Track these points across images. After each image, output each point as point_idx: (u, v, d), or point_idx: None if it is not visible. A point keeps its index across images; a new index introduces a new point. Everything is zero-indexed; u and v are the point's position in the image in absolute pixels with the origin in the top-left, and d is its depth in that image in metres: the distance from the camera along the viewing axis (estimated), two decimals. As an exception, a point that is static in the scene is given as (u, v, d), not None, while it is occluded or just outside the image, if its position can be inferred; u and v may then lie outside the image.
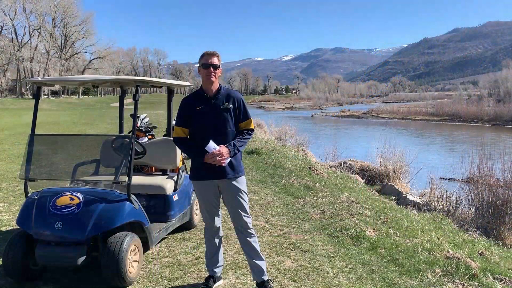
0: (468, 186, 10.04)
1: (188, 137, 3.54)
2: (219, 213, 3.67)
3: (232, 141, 3.42)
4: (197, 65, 3.60)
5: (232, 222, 3.63)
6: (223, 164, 3.34)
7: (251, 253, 3.57)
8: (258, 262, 3.57)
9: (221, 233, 3.74)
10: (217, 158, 3.29)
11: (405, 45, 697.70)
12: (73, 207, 3.60)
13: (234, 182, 3.48)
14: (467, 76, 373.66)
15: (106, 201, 3.71)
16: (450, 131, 41.06)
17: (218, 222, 3.66)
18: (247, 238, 3.55)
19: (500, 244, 7.12)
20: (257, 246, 3.59)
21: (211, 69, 3.41)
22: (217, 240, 3.69)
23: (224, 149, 3.32)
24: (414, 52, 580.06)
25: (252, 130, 3.60)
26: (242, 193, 3.52)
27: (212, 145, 3.30)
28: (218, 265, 3.73)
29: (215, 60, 3.43)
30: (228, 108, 3.45)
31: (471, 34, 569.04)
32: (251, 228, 3.57)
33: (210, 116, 3.44)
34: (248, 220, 3.55)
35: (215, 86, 3.49)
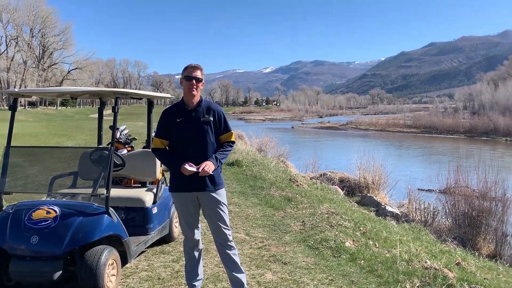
0: (445, 197, 10.24)
1: (168, 148, 3.53)
2: (199, 225, 3.65)
3: (214, 155, 3.43)
4: (178, 77, 3.61)
5: (212, 235, 3.61)
6: (206, 174, 3.33)
7: (231, 266, 3.55)
8: (238, 275, 3.55)
9: (201, 246, 3.71)
10: (205, 169, 3.29)
11: (383, 59, 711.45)
12: (49, 221, 3.53)
13: (214, 194, 3.48)
14: (443, 89, 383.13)
15: (83, 214, 3.64)
16: (427, 143, 41.85)
17: (197, 234, 3.63)
18: (227, 251, 3.53)
19: (476, 254, 7.27)
20: (237, 259, 3.57)
21: (194, 82, 3.43)
22: (196, 253, 3.66)
23: (208, 162, 3.34)
24: (392, 65, 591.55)
25: (233, 142, 3.62)
26: (222, 206, 3.51)
27: (188, 167, 3.30)
28: (197, 278, 3.69)
29: (198, 74, 3.45)
30: (209, 121, 3.46)
31: (446, 48, 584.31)
32: (231, 241, 3.56)
33: (190, 128, 3.44)
34: (228, 232, 3.53)
35: (196, 99, 3.50)
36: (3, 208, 3.85)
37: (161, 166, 5.21)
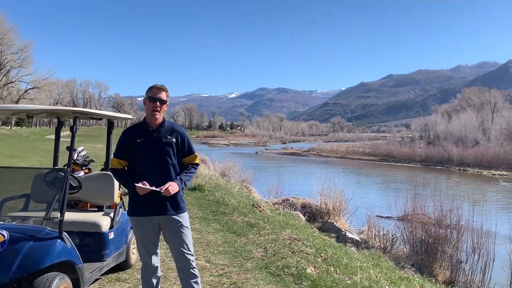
0: (403, 224, 10.47)
1: (126, 169, 3.43)
2: (158, 251, 3.52)
3: (178, 176, 3.35)
4: (140, 99, 3.58)
5: (174, 261, 3.49)
6: (169, 194, 3.24)
7: None
8: None
9: (159, 273, 3.57)
10: (169, 189, 3.21)
11: (343, 88, 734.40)
12: (-4, 246, 3.30)
13: (176, 218, 3.38)
14: (400, 119, 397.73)
15: (34, 239, 3.44)
16: (385, 171, 43.00)
17: (156, 261, 3.50)
18: (189, 279, 3.41)
19: (433, 280, 7.42)
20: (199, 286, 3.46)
21: (158, 103, 3.36)
22: (154, 281, 3.51)
23: (172, 183, 3.27)
24: (352, 95, 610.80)
25: (197, 164, 3.55)
26: (185, 230, 3.42)
27: (141, 185, 3.21)
28: None
29: (163, 95, 3.39)
30: (171, 142, 3.39)
31: (403, 80, 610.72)
32: (194, 268, 3.44)
33: (151, 149, 3.36)
34: (191, 258, 3.42)
35: (159, 120, 3.43)
36: None
37: (119, 190, 5.04)
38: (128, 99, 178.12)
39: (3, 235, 3.38)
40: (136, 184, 3.20)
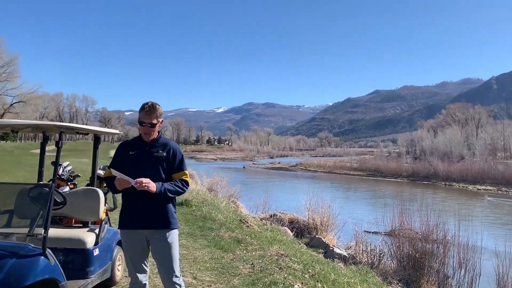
0: (390, 239, 10.50)
1: None
2: (146, 269, 3.49)
3: (161, 182, 3.33)
4: (128, 113, 3.65)
5: (160, 277, 3.46)
6: (145, 188, 3.20)
7: None
8: None
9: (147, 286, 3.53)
10: (143, 181, 3.18)
11: (330, 103, 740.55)
12: (-23, 263, 3.23)
13: (164, 233, 3.37)
14: (387, 134, 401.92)
15: (17, 256, 3.37)
16: (372, 186, 43.25)
17: (144, 278, 3.46)
18: None
19: (420, 296, 7.41)
20: None
21: (148, 127, 3.39)
22: None
23: (150, 181, 3.24)
24: (339, 110, 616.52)
25: (186, 182, 3.48)
26: (172, 246, 3.40)
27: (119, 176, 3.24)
28: None
29: (153, 119, 3.38)
30: (161, 156, 3.41)
31: (390, 96, 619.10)
32: (181, 285, 3.43)
33: (142, 162, 3.39)
34: (176, 275, 3.41)
35: (152, 138, 3.47)
36: None
37: (105, 205, 4.98)
38: (115, 113, 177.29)
39: (-15, 252, 3.31)
40: (114, 172, 3.25)
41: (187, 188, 3.49)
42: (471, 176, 45.26)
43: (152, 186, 3.23)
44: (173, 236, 3.43)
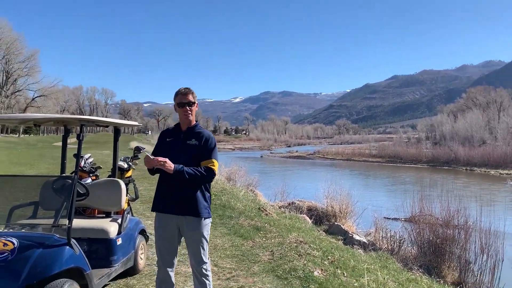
0: (410, 226, 10.43)
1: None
2: (174, 259, 3.57)
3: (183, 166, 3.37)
4: (146, 105, 3.64)
5: (190, 262, 3.57)
6: (164, 166, 3.30)
7: None
8: None
9: (172, 280, 3.58)
10: (160, 159, 3.28)
11: (348, 90, 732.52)
12: (6, 254, 3.35)
13: (196, 221, 3.43)
14: (406, 120, 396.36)
15: (43, 246, 3.48)
16: (392, 172, 42.83)
17: (170, 264, 3.54)
18: (201, 284, 3.49)
19: (442, 282, 7.39)
20: None
21: (187, 107, 3.49)
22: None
23: (170, 162, 3.32)
24: (357, 97, 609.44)
25: (210, 170, 3.44)
26: (202, 235, 3.47)
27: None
28: None
29: (190, 98, 3.51)
30: (194, 145, 3.48)
31: (408, 81, 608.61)
32: (207, 272, 3.52)
33: (175, 149, 3.48)
34: (205, 263, 3.50)
35: (190, 123, 3.56)
36: (-44, 240, 3.64)
37: (126, 196, 5.08)
38: (134, 105, 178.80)
39: (13, 243, 3.43)
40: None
41: (211, 176, 3.45)
42: (493, 161, 44.40)
43: (170, 165, 3.30)
44: (204, 224, 3.48)
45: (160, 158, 3.30)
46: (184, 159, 3.42)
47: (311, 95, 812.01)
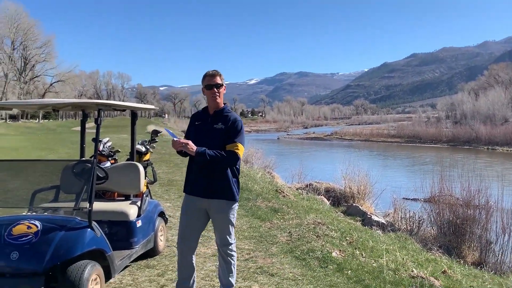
0: (430, 206, 10.32)
1: None
2: (196, 242, 3.61)
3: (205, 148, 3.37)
4: (162, 88, 3.64)
5: (216, 242, 3.63)
6: (186, 147, 3.32)
7: (225, 273, 3.58)
8: (227, 285, 3.59)
9: (193, 264, 3.64)
10: (181, 140, 3.33)
11: (366, 69, 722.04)
12: (30, 236, 3.43)
13: (222, 204, 3.47)
14: (425, 99, 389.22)
15: (66, 228, 3.56)
16: (411, 152, 42.33)
17: (191, 247, 3.59)
18: (227, 263, 3.57)
19: (462, 262, 7.32)
20: (234, 270, 3.61)
21: (215, 89, 3.48)
22: (186, 272, 3.60)
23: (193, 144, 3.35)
24: (375, 76, 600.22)
25: (234, 153, 3.41)
26: (228, 218, 3.51)
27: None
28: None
29: (217, 80, 3.50)
30: (220, 128, 3.47)
31: (428, 59, 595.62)
32: (233, 252, 3.59)
33: (203, 132, 3.50)
34: (231, 243, 3.57)
35: (218, 106, 3.55)
36: (-18, 223, 3.74)
37: (145, 179, 5.14)
38: (150, 89, 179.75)
39: (36, 226, 3.51)
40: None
41: (234, 159, 3.42)
42: (516, 139, 43.42)
43: (192, 147, 3.31)
44: (230, 208, 3.51)
45: (183, 140, 3.33)
46: (211, 143, 3.42)
47: (328, 75, 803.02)
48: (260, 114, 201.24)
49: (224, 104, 3.61)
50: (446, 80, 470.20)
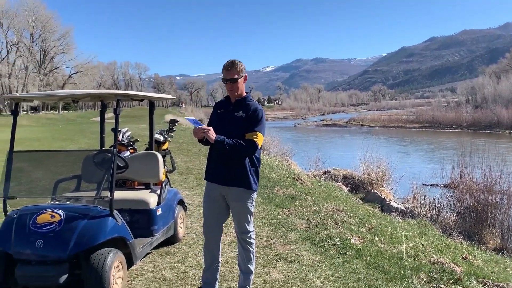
0: (450, 192, 10.19)
1: None
2: (219, 229, 3.65)
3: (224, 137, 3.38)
4: (178, 78, 3.66)
5: (235, 229, 3.67)
6: (207, 134, 3.33)
7: (244, 260, 3.61)
8: (246, 271, 3.62)
9: (219, 259, 3.69)
10: (203, 127, 3.34)
11: (384, 54, 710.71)
12: (54, 225, 3.53)
13: (240, 193, 3.48)
14: (445, 84, 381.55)
15: (88, 217, 3.64)
16: (430, 138, 41.74)
17: (215, 234, 3.63)
18: (245, 251, 3.59)
19: (483, 248, 7.24)
20: (253, 257, 3.64)
21: (230, 83, 3.48)
22: (210, 258, 3.66)
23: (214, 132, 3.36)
24: (393, 61, 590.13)
25: (253, 142, 3.38)
26: (246, 207, 3.53)
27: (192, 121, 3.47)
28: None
29: (233, 74, 3.45)
30: (241, 117, 3.47)
31: (447, 42, 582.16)
32: (251, 240, 3.61)
33: (225, 121, 3.52)
34: (250, 231, 3.58)
35: (239, 95, 3.56)
36: (8, 213, 3.86)
37: (164, 168, 5.20)
38: (167, 79, 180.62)
39: (59, 215, 3.60)
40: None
41: (253, 148, 3.40)
42: (539, 123, 42.39)
43: (211, 134, 3.33)
44: (249, 196, 3.53)
45: (204, 127, 3.35)
46: (232, 131, 3.43)
47: (344, 61, 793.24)
48: (277, 101, 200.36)
49: (247, 93, 3.61)
50: (466, 64, 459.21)
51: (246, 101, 3.55)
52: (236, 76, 3.46)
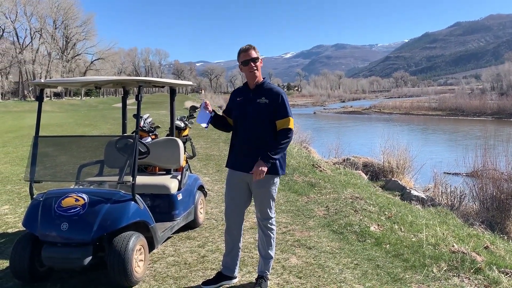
0: (472, 180, 10.02)
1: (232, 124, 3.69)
2: (241, 215, 3.68)
3: (267, 153, 3.35)
4: (198, 64, 3.66)
5: (256, 215, 3.69)
6: (258, 177, 3.35)
7: (265, 246, 3.64)
8: (267, 256, 3.65)
9: (240, 242, 3.73)
10: (258, 171, 3.33)
11: (406, 40, 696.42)
12: (78, 208, 3.62)
13: (267, 177, 3.45)
14: (469, 70, 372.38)
15: (111, 201, 3.72)
16: (453, 126, 40.95)
17: (236, 220, 3.66)
18: (266, 236, 3.62)
19: (505, 237, 7.11)
20: (273, 243, 3.66)
21: (251, 64, 3.46)
22: (232, 243, 3.70)
23: (259, 168, 3.33)
24: (416, 47, 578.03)
25: (289, 130, 3.43)
26: (269, 192, 3.53)
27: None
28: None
29: (252, 54, 3.47)
30: (264, 103, 3.45)
31: (472, 27, 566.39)
32: (272, 225, 3.62)
33: (245, 108, 3.51)
34: (270, 217, 3.60)
35: (257, 80, 3.54)
36: (34, 196, 3.97)
37: (184, 154, 5.25)
38: (187, 65, 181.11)
39: (83, 199, 3.69)
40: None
41: (291, 136, 3.44)
42: None
43: (264, 169, 3.33)
44: (271, 182, 3.51)
45: (254, 171, 3.34)
46: (256, 118, 3.44)
47: (366, 47, 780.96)
48: (296, 88, 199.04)
49: (264, 77, 3.59)
50: (492, 50, 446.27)
51: (266, 85, 3.54)
52: (255, 55, 3.47)
